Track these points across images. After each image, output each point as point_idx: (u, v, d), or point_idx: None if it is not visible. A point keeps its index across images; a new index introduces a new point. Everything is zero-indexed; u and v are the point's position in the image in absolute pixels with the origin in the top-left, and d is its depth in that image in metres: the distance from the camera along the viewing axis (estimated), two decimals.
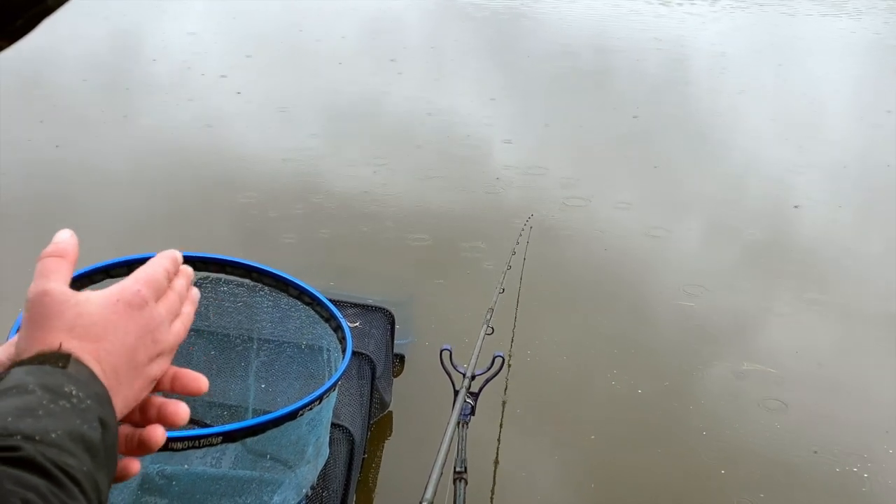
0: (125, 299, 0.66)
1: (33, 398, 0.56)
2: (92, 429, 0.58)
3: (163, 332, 0.68)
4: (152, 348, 0.67)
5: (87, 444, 0.57)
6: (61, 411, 0.56)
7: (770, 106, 7.77)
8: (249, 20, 9.75)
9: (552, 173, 5.70)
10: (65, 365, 0.60)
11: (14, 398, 0.56)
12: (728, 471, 3.03)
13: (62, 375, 0.59)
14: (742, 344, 3.84)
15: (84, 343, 0.62)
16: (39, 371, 0.59)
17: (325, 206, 4.92)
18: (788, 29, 11.38)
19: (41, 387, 0.57)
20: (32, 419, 0.55)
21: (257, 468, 1.29)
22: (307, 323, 1.36)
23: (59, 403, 0.57)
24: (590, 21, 10.87)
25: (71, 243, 0.69)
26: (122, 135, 5.86)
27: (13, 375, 0.59)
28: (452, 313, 3.84)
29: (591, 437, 3.16)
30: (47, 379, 0.58)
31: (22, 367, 0.60)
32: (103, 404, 0.61)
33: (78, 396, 0.58)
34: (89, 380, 0.61)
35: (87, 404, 0.58)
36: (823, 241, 4.99)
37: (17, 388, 0.57)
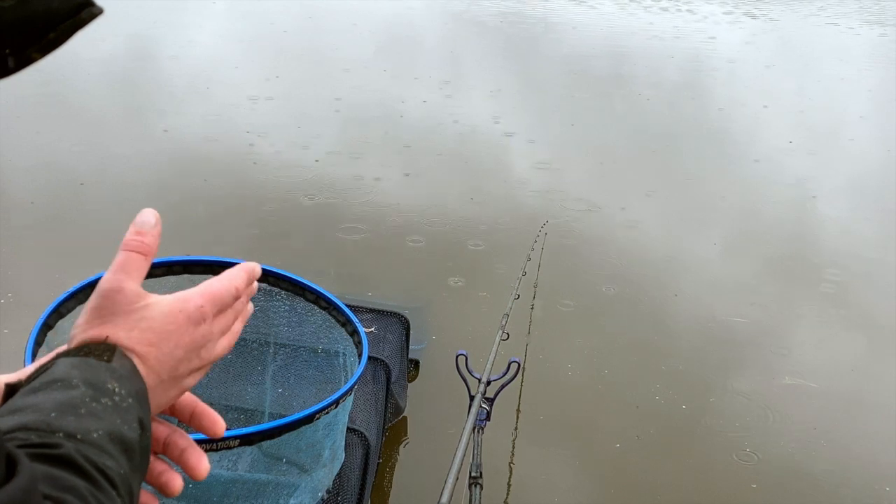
0: (187, 312, 0.67)
1: (76, 394, 0.57)
2: (131, 430, 0.58)
3: (210, 349, 0.70)
4: (196, 363, 0.69)
5: (126, 445, 0.57)
6: (103, 409, 0.57)
7: (792, 115, 7.72)
8: (267, 30, 9.81)
9: (569, 180, 5.69)
10: (109, 358, 0.61)
11: (58, 392, 0.56)
12: (760, 485, 2.98)
13: (106, 370, 0.60)
14: (765, 354, 3.79)
15: (137, 345, 0.64)
16: (84, 364, 0.59)
17: (341, 212, 4.93)
18: (811, 38, 11.31)
19: (85, 382, 0.58)
20: (74, 417, 0.55)
21: (273, 471, 1.29)
22: (323, 327, 1.37)
23: (102, 401, 0.57)
24: (606, 29, 10.86)
25: (154, 236, 0.70)
26: (140, 140, 5.91)
27: (58, 367, 0.59)
28: (467, 319, 3.84)
29: (614, 445, 3.14)
30: (91, 374, 0.59)
31: (67, 357, 0.60)
32: (142, 403, 0.61)
33: (120, 394, 0.59)
34: (131, 375, 0.61)
35: (129, 403, 0.59)
36: (847, 252, 4.91)
37: (62, 382, 0.57)
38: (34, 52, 0.48)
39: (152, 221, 0.71)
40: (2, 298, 3.73)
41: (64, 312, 0.98)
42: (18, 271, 3.94)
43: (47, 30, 0.48)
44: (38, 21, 0.47)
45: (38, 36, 0.48)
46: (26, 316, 0.91)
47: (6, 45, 0.46)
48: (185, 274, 1.15)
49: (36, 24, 0.47)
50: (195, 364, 0.68)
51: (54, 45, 0.49)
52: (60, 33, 0.49)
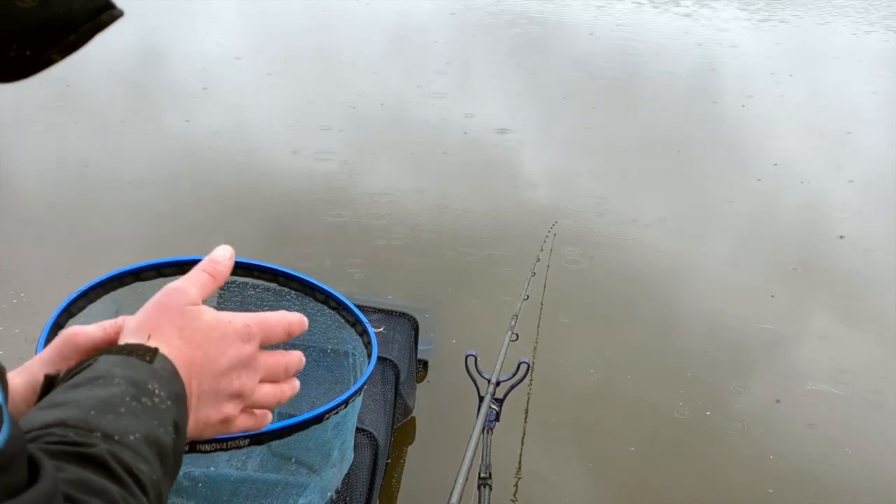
0: (234, 325, 0.68)
1: (117, 392, 0.57)
2: (167, 433, 0.58)
3: (252, 376, 0.69)
4: (237, 384, 0.68)
5: (161, 449, 0.57)
6: (143, 410, 0.57)
7: (808, 120, 7.67)
8: (275, 27, 9.83)
9: (580, 182, 5.68)
10: (151, 359, 0.61)
11: (99, 389, 0.57)
12: (777, 490, 2.96)
13: (147, 370, 0.60)
14: (775, 362, 3.76)
15: (183, 344, 0.64)
16: (126, 363, 0.60)
17: (350, 213, 4.94)
18: (825, 41, 11.25)
19: (126, 380, 0.58)
20: (114, 415, 0.55)
21: (282, 471, 1.30)
22: (332, 327, 1.37)
23: (142, 401, 0.57)
24: (619, 32, 10.83)
25: (226, 266, 0.74)
26: (153, 142, 5.93)
27: (101, 363, 0.60)
28: (476, 320, 3.84)
29: (627, 448, 3.13)
30: (133, 372, 0.59)
31: (110, 355, 0.61)
32: (180, 406, 0.61)
33: (160, 396, 0.59)
34: (171, 377, 0.62)
35: (167, 405, 0.59)
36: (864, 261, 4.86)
37: (104, 378, 0.58)
38: (54, 54, 0.48)
39: (227, 255, 0.74)
40: (15, 298, 3.75)
41: (74, 312, 0.98)
42: (31, 272, 3.96)
43: (67, 32, 0.48)
44: (59, 23, 0.47)
45: (59, 37, 0.48)
46: (38, 316, 0.91)
47: (27, 47, 0.47)
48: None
49: (56, 26, 0.47)
50: (236, 385, 0.68)
51: (74, 47, 0.49)
52: (81, 35, 0.49)
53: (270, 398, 0.73)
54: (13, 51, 0.46)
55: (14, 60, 0.47)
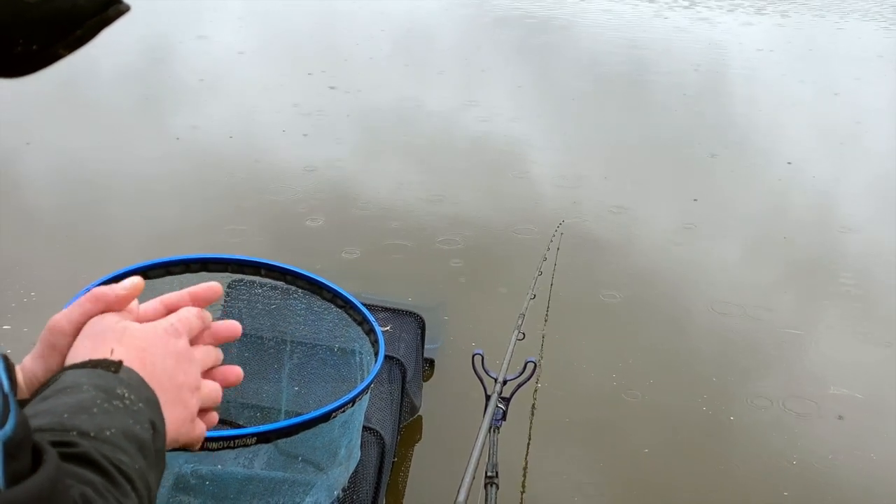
0: (163, 326, 0.71)
1: (87, 396, 0.58)
2: (144, 430, 0.59)
3: (195, 370, 0.72)
4: (190, 378, 0.71)
5: (140, 443, 0.58)
6: (115, 410, 0.58)
7: (817, 120, 7.64)
8: (284, 27, 9.85)
9: (587, 181, 5.67)
10: (116, 370, 0.62)
11: (68, 396, 0.58)
12: (791, 493, 2.93)
13: (114, 378, 0.61)
14: (784, 362, 3.73)
15: (131, 350, 0.66)
16: (92, 373, 0.61)
17: (358, 212, 4.94)
18: (833, 39, 11.21)
19: (95, 387, 0.59)
20: (87, 416, 0.56)
21: (289, 469, 1.30)
22: (340, 326, 1.37)
23: (113, 403, 0.58)
24: (625, 30, 10.81)
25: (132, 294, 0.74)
26: (160, 141, 5.94)
27: (67, 377, 0.61)
28: (483, 318, 3.84)
29: (637, 449, 3.12)
30: (100, 381, 0.60)
31: (75, 370, 0.62)
32: (153, 408, 0.63)
33: (130, 399, 0.60)
34: (140, 384, 0.63)
35: (139, 406, 0.60)
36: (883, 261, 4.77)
37: (72, 387, 0.59)
38: (61, 49, 0.49)
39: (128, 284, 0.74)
40: (25, 297, 3.77)
41: None
42: (41, 271, 3.98)
43: (74, 26, 0.49)
44: (65, 18, 0.48)
45: (65, 32, 0.48)
46: (46, 315, 0.92)
47: (33, 41, 0.47)
48: (203, 271, 1.16)
49: (62, 21, 0.48)
50: (189, 379, 0.70)
51: (81, 42, 0.49)
52: (87, 30, 0.49)
53: (217, 392, 0.76)
54: (20, 45, 0.46)
55: (20, 55, 0.47)
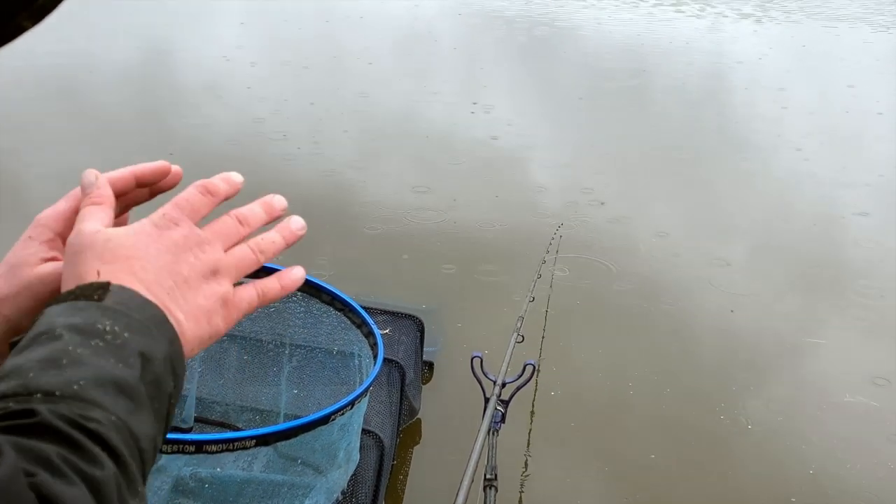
0: (151, 221, 0.64)
1: (59, 345, 0.53)
2: (128, 366, 0.53)
3: (208, 249, 0.65)
4: (198, 264, 0.63)
5: (121, 385, 0.52)
6: (91, 354, 0.52)
7: (817, 121, 7.64)
8: (287, 29, 9.86)
9: (587, 184, 5.67)
10: (101, 297, 0.56)
11: (41, 347, 0.53)
12: (799, 499, 2.92)
13: (96, 310, 0.55)
14: (794, 368, 3.71)
15: (115, 265, 0.60)
16: (71, 309, 0.56)
17: (356, 214, 4.95)
18: (833, 44, 11.22)
19: (70, 328, 0.54)
20: (56, 370, 0.51)
21: (289, 472, 1.30)
22: (338, 329, 1.37)
23: (91, 344, 0.53)
24: (627, 36, 10.82)
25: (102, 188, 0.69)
26: (160, 143, 5.95)
27: (45, 318, 0.55)
28: (482, 321, 3.84)
29: (639, 452, 3.11)
30: (78, 317, 0.55)
31: (56, 305, 0.56)
32: (150, 330, 0.56)
33: (113, 332, 0.54)
34: (133, 304, 0.57)
35: (124, 338, 0.54)
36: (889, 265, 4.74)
37: (47, 333, 0.54)
38: (25, 21, 0.46)
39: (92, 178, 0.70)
40: None
41: None
42: None
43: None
44: None
45: (27, 2, 0.46)
46: None
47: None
48: None
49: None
50: (198, 265, 0.63)
51: (45, 12, 0.47)
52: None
53: (251, 256, 0.68)
54: None
55: None
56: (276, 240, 0.71)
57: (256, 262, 0.69)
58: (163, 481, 1.28)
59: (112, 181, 0.71)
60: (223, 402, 1.66)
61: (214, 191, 0.70)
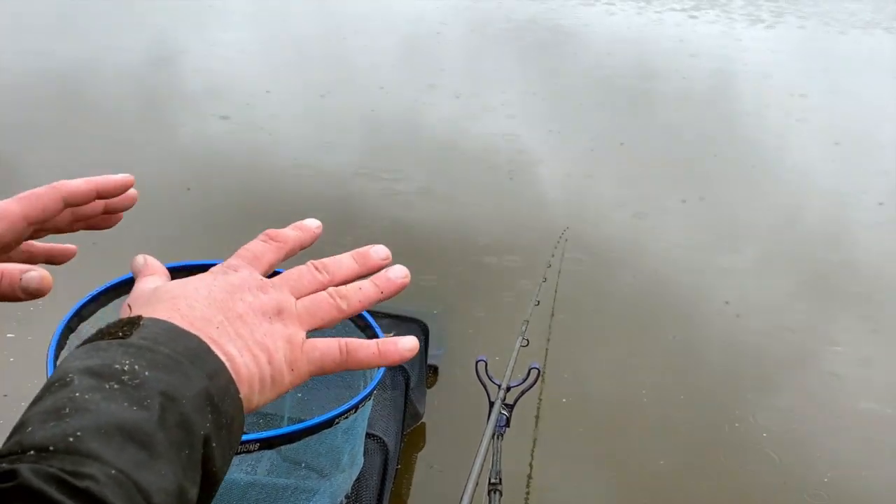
0: (211, 270, 0.59)
1: (66, 392, 0.47)
2: (143, 408, 0.47)
3: (271, 291, 0.58)
4: (257, 302, 0.57)
5: (130, 432, 0.46)
6: (102, 399, 0.46)
7: (827, 125, 7.61)
8: (288, 31, 9.88)
9: (592, 188, 5.67)
10: (127, 333, 0.51)
11: (51, 397, 0.47)
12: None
13: (117, 348, 0.49)
14: (801, 376, 3.70)
15: (158, 305, 0.55)
16: (92, 350, 0.50)
17: (360, 217, 4.95)
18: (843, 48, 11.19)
19: (83, 372, 0.48)
20: (55, 421, 0.45)
21: (292, 476, 1.30)
22: (343, 332, 1.36)
23: (105, 387, 0.47)
24: (633, 40, 10.81)
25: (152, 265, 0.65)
26: (161, 147, 5.96)
27: (63, 362, 0.50)
28: (487, 325, 3.83)
29: (643, 455, 3.10)
30: (96, 359, 0.49)
31: (78, 348, 0.51)
32: (180, 364, 0.50)
33: (132, 371, 0.48)
34: (161, 336, 0.51)
35: (144, 377, 0.48)
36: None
37: (60, 380, 0.48)
38: None
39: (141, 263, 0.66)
40: (31, 306, 3.76)
41: (86, 315, 0.98)
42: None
43: None
44: None
45: None
46: (51, 323, 0.91)
47: None
48: None
49: None
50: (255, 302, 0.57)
51: None
52: None
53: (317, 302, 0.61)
54: None
55: None
56: (364, 287, 0.63)
57: (336, 307, 0.61)
58: None
59: (69, 190, 0.66)
60: None
61: (279, 237, 0.65)
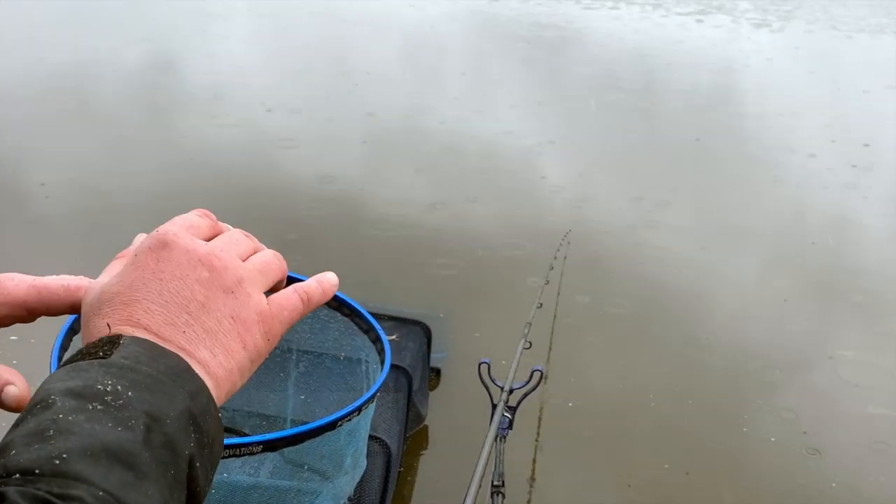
0: (143, 248, 0.56)
1: (49, 414, 0.46)
2: (128, 429, 0.46)
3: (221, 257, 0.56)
4: (213, 278, 0.55)
5: (116, 453, 0.45)
6: (85, 420, 0.46)
7: (827, 126, 7.60)
8: (292, 37, 9.89)
9: (595, 190, 5.66)
10: (108, 353, 0.50)
11: (33, 419, 0.46)
12: None
13: (98, 368, 0.49)
14: (799, 376, 3.70)
15: (115, 315, 0.53)
16: (73, 371, 0.49)
17: (364, 221, 4.95)
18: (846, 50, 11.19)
19: (65, 394, 0.47)
20: (40, 444, 0.44)
21: (295, 478, 1.29)
22: (346, 334, 1.37)
23: (88, 409, 0.46)
24: (637, 41, 10.82)
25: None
26: (165, 149, 5.97)
27: (43, 385, 0.49)
28: (489, 327, 3.83)
29: (647, 458, 3.10)
30: (78, 380, 0.48)
31: (59, 370, 0.50)
32: (161, 384, 0.49)
33: (115, 391, 0.47)
34: (142, 355, 0.50)
35: (127, 398, 0.47)
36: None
37: (41, 403, 0.47)
38: None
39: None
40: None
41: None
42: None
43: None
44: None
45: None
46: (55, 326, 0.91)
47: None
48: None
49: None
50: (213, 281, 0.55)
51: None
52: None
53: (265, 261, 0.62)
54: None
55: None
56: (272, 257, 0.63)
57: (280, 266, 0.63)
58: None
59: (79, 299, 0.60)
60: (229, 408, 1.65)
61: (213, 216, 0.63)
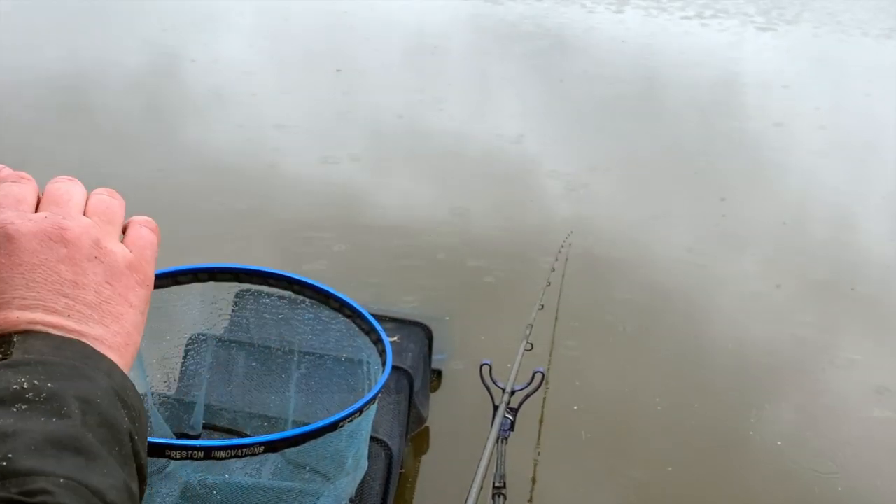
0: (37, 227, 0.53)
1: None
2: (63, 417, 0.45)
3: (68, 226, 0.54)
4: (74, 252, 0.53)
5: (61, 442, 0.44)
6: (16, 421, 0.44)
7: (829, 131, 7.59)
8: (292, 37, 9.90)
9: (596, 193, 5.66)
10: (7, 354, 0.48)
11: None
12: None
13: (5, 370, 0.47)
14: (804, 380, 3.68)
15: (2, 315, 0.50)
16: None
17: (366, 222, 4.95)
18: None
19: None
20: None
21: (296, 479, 1.30)
22: (347, 336, 1.37)
23: (13, 410, 0.44)
24: (639, 44, 10.81)
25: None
26: (166, 150, 5.97)
27: None
28: (491, 329, 3.83)
29: (648, 460, 3.09)
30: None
31: None
32: (76, 369, 0.48)
33: (33, 386, 0.45)
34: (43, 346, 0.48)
35: (49, 389, 0.46)
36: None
37: None
38: None
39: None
40: None
41: None
42: None
43: None
44: None
45: None
46: None
47: None
48: (211, 281, 1.16)
49: None
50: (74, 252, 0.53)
51: None
52: None
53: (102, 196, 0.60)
54: None
55: None
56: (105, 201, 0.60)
57: (120, 204, 0.61)
58: (171, 488, 1.28)
59: None
60: (231, 409, 1.66)
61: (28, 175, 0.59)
